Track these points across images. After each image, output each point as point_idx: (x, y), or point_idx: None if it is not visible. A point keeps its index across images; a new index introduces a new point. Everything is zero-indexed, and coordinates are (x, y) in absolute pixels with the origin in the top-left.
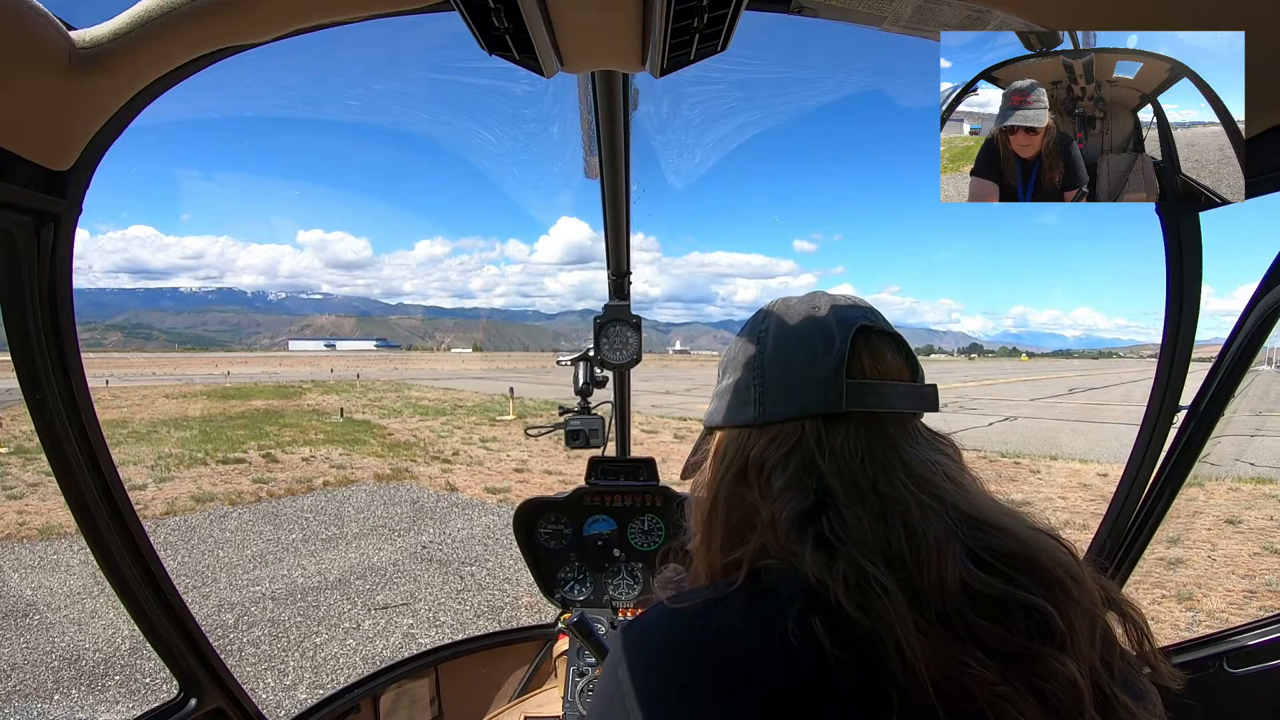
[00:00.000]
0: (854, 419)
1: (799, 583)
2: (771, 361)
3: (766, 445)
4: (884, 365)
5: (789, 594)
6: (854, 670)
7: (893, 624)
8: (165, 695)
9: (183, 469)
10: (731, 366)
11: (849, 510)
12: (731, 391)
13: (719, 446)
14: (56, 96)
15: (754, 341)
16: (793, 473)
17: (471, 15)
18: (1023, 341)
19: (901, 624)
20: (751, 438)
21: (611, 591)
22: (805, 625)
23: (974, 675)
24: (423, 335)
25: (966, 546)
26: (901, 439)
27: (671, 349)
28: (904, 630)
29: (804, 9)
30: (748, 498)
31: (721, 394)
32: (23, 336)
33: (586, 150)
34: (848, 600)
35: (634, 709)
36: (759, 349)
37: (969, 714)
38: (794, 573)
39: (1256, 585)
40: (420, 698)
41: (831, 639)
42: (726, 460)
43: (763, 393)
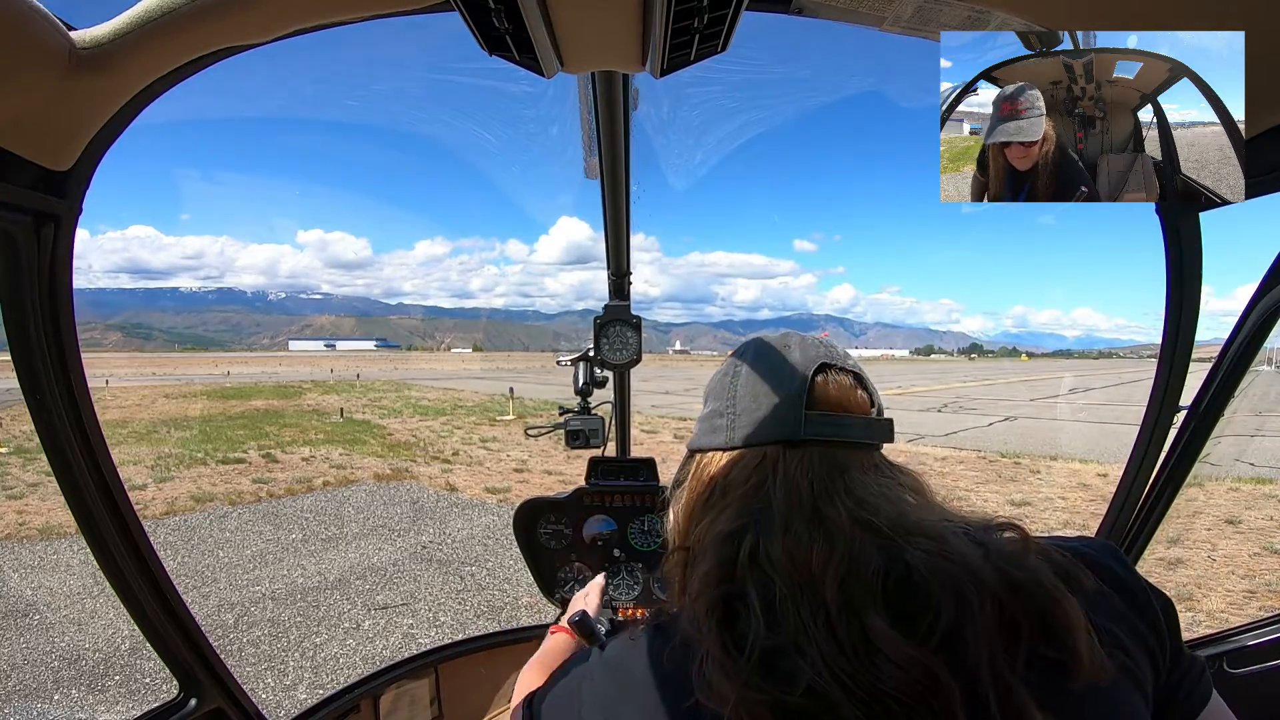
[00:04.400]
0: (812, 447)
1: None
2: (743, 391)
3: (731, 468)
4: (842, 399)
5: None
6: None
7: (801, 641)
8: (165, 695)
9: (183, 469)
10: (712, 395)
11: (783, 532)
12: (709, 418)
13: (697, 468)
14: (56, 96)
15: (730, 373)
16: (746, 491)
17: (471, 15)
18: (1023, 342)
19: (811, 639)
20: (722, 461)
21: (611, 592)
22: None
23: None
24: (423, 335)
25: (890, 560)
26: (853, 466)
27: (671, 349)
28: (815, 643)
29: (804, 9)
30: (708, 514)
31: (702, 420)
32: (23, 336)
33: (586, 150)
34: (756, 622)
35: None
36: (733, 380)
37: None
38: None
39: (1256, 585)
40: (420, 698)
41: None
42: (699, 483)
43: (734, 420)
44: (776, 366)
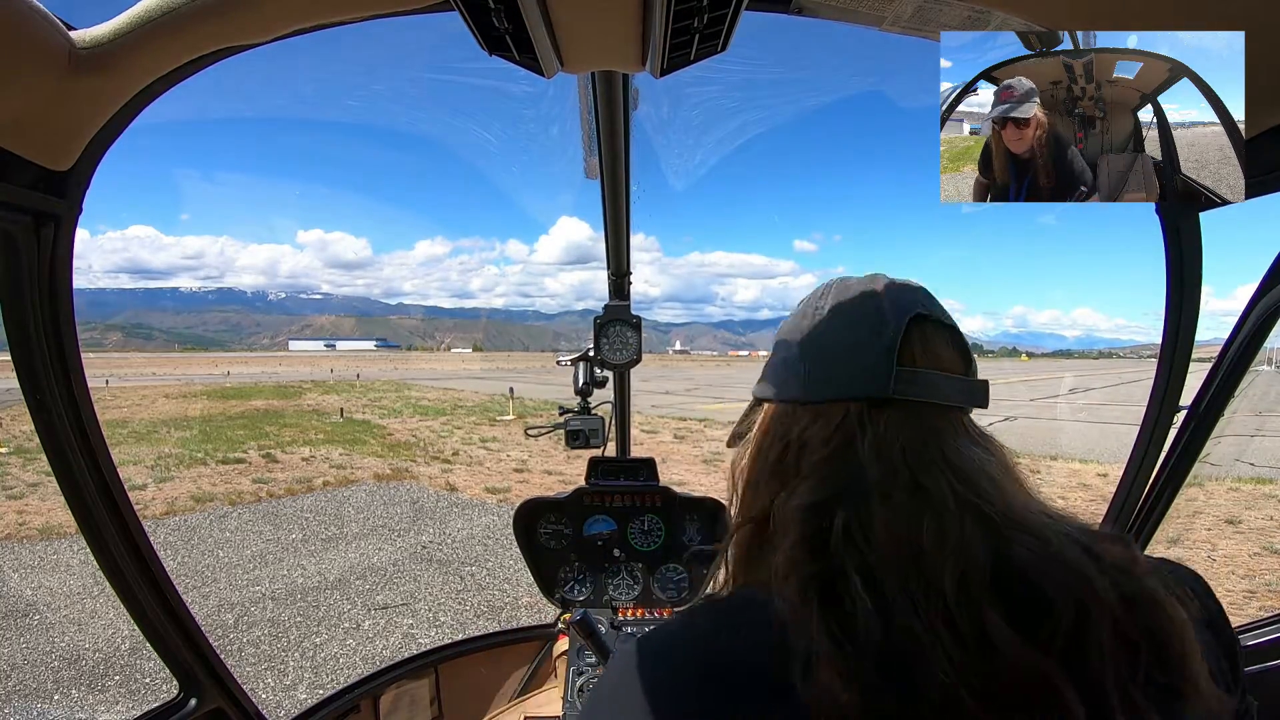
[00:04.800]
0: (899, 406)
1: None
2: (823, 339)
3: (809, 425)
4: (935, 355)
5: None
6: None
7: (919, 632)
8: (165, 695)
9: (183, 469)
10: (787, 339)
11: (882, 504)
12: (782, 366)
13: (765, 421)
14: (56, 96)
15: (808, 317)
16: (829, 454)
17: (471, 15)
18: (1023, 342)
19: (932, 632)
20: (796, 415)
21: (611, 591)
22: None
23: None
24: (423, 335)
25: (996, 551)
26: (945, 432)
27: (671, 349)
28: (938, 639)
29: (804, 9)
30: (783, 479)
31: (773, 366)
32: (23, 336)
33: (586, 150)
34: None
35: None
36: (812, 325)
37: None
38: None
39: (1256, 585)
40: (420, 698)
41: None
42: (769, 439)
43: (811, 369)
44: (865, 313)
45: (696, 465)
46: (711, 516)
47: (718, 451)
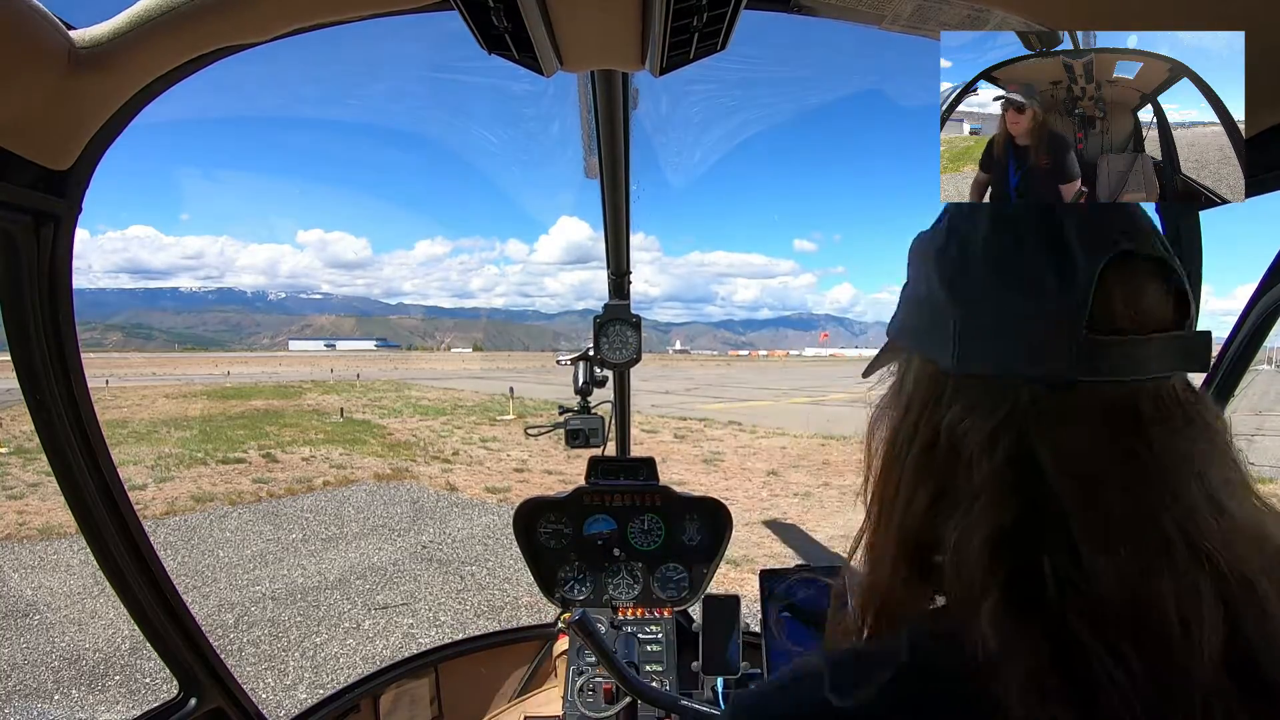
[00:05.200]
0: (1089, 390)
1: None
2: (978, 283)
3: (965, 412)
4: (1143, 310)
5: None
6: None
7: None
8: (165, 695)
9: (183, 469)
10: (923, 267)
11: (1104, 553)
12: (926, 306)
13: (904, 380)
14: (56, 96)
15: (957, 242)
16: (999, 466)
17: (471, 15)
18: None
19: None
20: (946, 392)
21: (611, 591)
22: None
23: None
24: (423, 335)
25: (1234, 625)
26: (1154, 423)
27: (671, 349)
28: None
29: (803, 8)
30: (938, 483)
31: (911, 302)
32: (23, 336)
33: (586, 150)
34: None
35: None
36: (961, 256)
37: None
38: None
39: None
40: (420, 698)
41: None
42: (911, 418)
43: (964, 325)
44: (1035, 250)
45: (696, 465)
46: (711, 516)
47: (718, 451)
